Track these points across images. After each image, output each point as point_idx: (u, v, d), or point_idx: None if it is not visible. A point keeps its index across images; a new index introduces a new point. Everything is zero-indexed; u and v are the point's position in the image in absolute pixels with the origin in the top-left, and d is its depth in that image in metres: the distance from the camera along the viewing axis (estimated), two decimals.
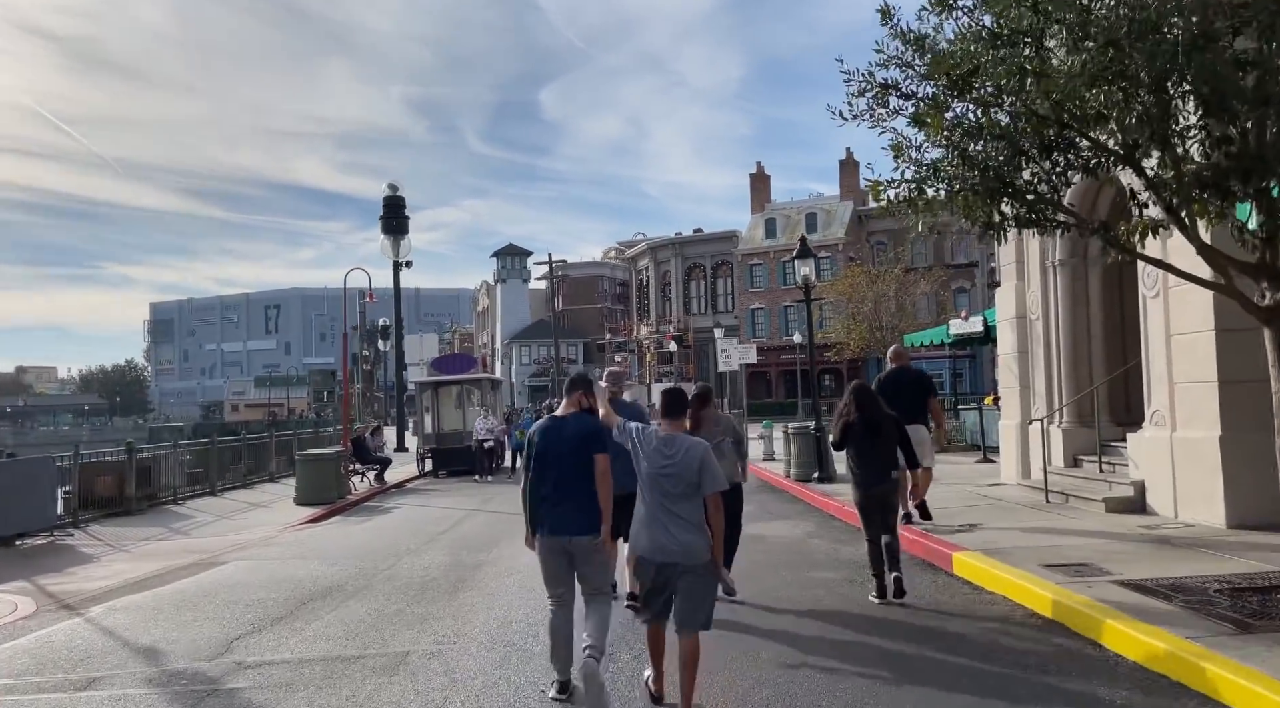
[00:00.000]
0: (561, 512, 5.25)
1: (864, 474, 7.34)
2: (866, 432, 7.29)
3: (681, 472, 4.83)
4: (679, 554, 4.76)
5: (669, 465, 4.86)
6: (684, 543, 4.77)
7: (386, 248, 35.69)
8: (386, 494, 19.70)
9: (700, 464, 4.82)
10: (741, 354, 23.98)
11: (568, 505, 5.25)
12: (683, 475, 4.82)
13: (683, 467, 4.83)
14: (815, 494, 14.12)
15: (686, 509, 4.82)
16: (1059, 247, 12.12)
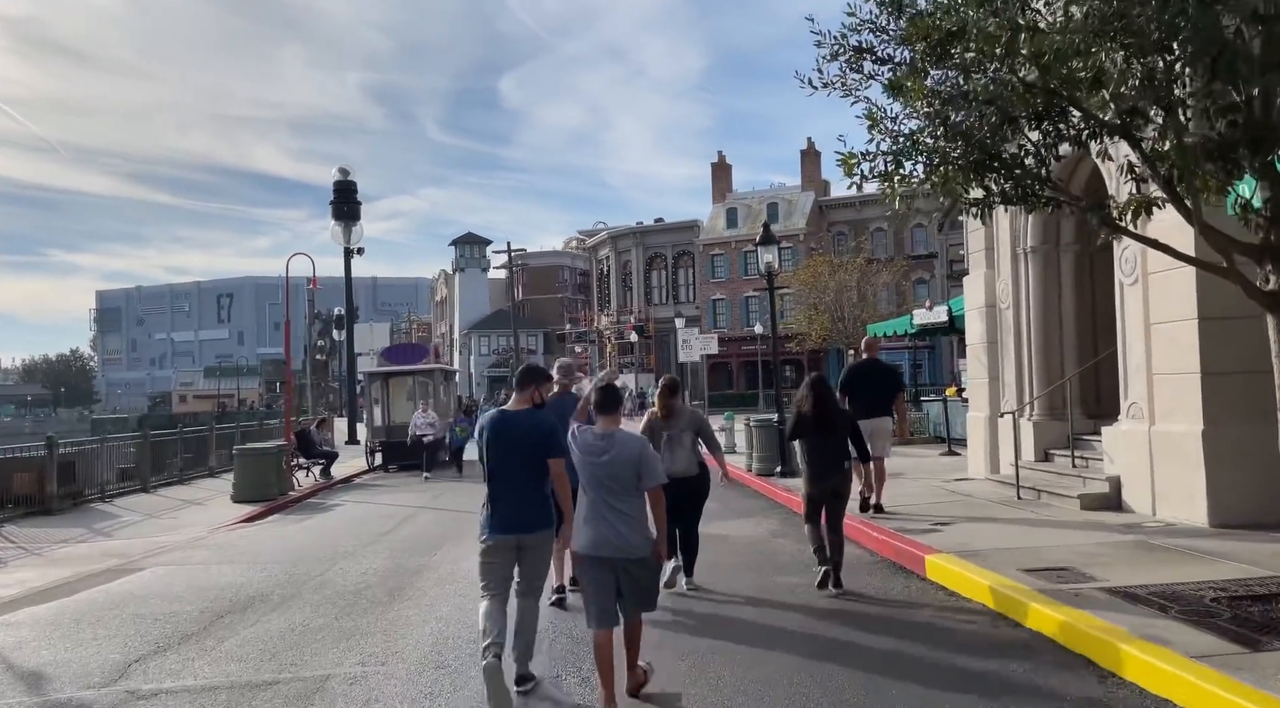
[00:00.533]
0: (511, 510, 5.16)
1: (816, 467, 7.37)
2: (820, 425, 7.32)
3: (619, 468, 4.81)
4: (621, 549, 4.76)
5: (606, 461, 4.83)
6: (625, 537, 4.77)
7: (337, 234, 34.53)
8: (332, 490, 18.83)
9: (639, 459, 4.83)
10: (702, 345, 23.44)
11: (517, 503, 5.15)
12: (620, 472, 4.81)
13: (620, 463, 4.81)
14: (778, 489, 13.59)
15: (628, 504, 4.82)
16: (1030, 233, 11.69)
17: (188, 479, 19.96)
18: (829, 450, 7.33)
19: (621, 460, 4.82)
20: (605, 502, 4.81)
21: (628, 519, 4.79)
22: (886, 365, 10.85)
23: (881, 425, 10.40)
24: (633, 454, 4.84)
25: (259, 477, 16.42)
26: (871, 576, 8.00)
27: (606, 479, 4.83)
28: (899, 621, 6.45)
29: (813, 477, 7.41)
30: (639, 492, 4.85)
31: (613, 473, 4.82)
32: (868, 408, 10.24)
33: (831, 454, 7.32)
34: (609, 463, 4.83)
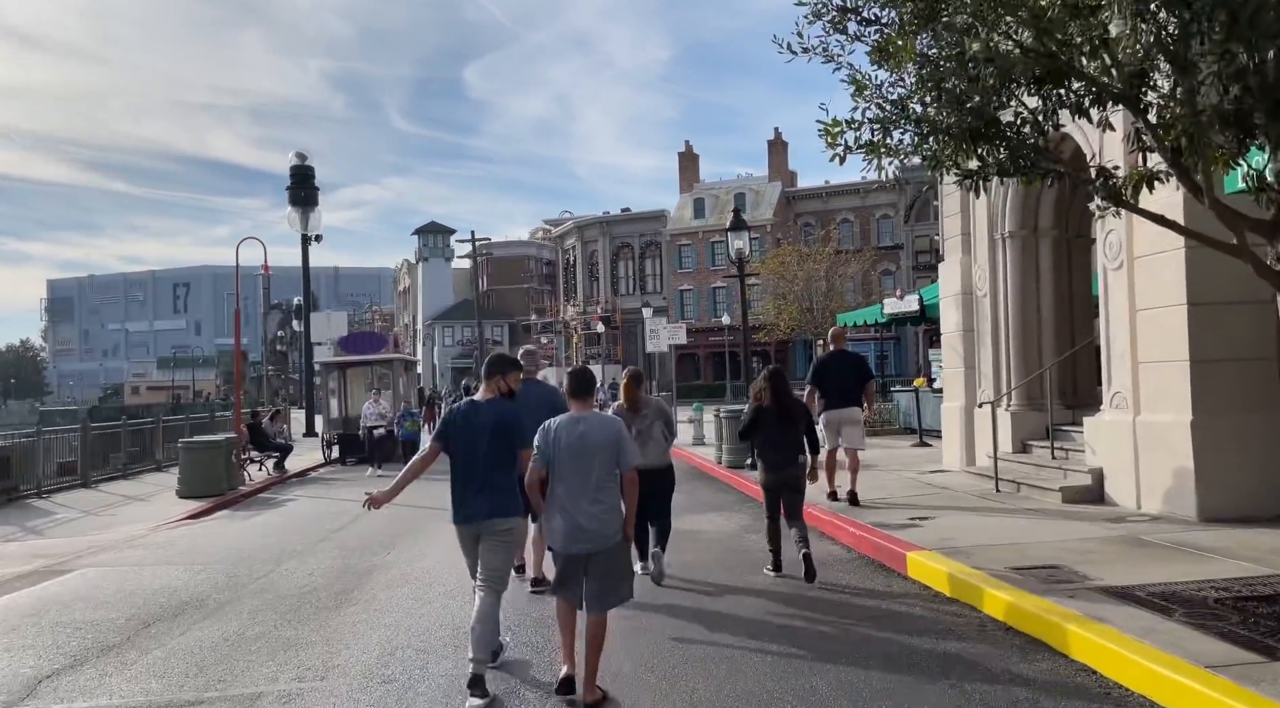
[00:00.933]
0: (477, 499, 5.16)
1: (774, 458, 7.42)
2: (778, 417, 7.39)
3: (597, 449, 4.77)
4: (594, 539, 4.72)
5: (581, 445, 4.78)
6: (599, 526, 4.72)
7: (294, 220, 33.49)
8: (285, 484, 18.10)
9: (617, 439, 4.83)
10: (670, 335, 22.96)
11: (482, 492, 5.15)
12: (599, 453, 4.77)
13: (597, 444, 4.78)
14: (750, 482, 13.15)
15: (601, 491, 4.77)
16: (1008, 218, 11.34)
17: (133, 474, 19.12)
18: (786, 443, 7.39)
19: (600, 441, 4.78)
20: (581, 489, 4.74)
21: (602, 506, 4.75)
22: (855, 355, 10.84)
23: (852, 416, 10.39)
24: (611, 435, 4.83)
25: (206, 471, 15.68)
26: (850, 574, 7.59)
27: (583, 463, 4.75)
28: (881, 623, 6.02)
29: (769, 467, 7.46)
30: (615, 476, 4.81)
31: (590, 455, 4.76)
32: (838, 398, 10.31)
33: (788, 446, 7.39)
34: (587, 444, 4.77)
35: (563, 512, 4.77)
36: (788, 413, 7.42)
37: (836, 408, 10.37)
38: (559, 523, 4.79)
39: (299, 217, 33.77)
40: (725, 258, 61.86)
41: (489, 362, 5.58)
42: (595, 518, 4.72)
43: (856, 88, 5.81)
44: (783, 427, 7.40)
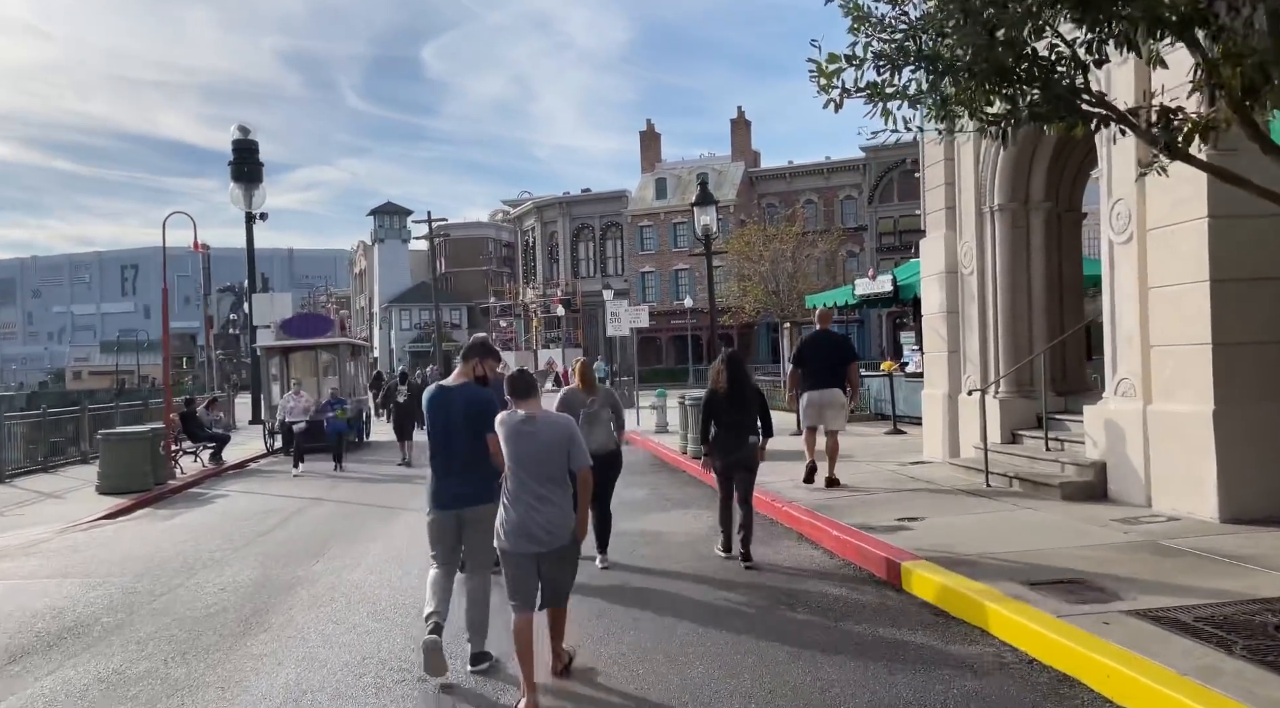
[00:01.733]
0: (452, 485, 5.16)
1: (730, 442, 7.47)
2: (733, 400, 7.45)
3: (548, 450, 4.71)
4: (545, 541, 4.66)
5: (535, 444, 4.72)
6: (551, 529, 4.67)
7: (237, 197, 31.93)
8: (221, 477, 16.87)
9: (569, 439, 4.77)
10: (632, 318, 21.96)
11: (458, 478, 5.14)
12: (550, 454, 4.71)
13: (550, 444, 4.72)
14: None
15: (554, 491, 4.71)
16: (998, 189, 10.50)
17: (55, 467, 17.75)
18: (740, 425, 7.44)
19: (552, 442, 4.73)
20: (532, 489, 4.67)
21: (554, 507, 4.69)
22: (840, 337, 10.66)
23: (834, 397, 10.26)
24: (563, 435, 4.77)
25: (129, 465, 14.41)
26: (836, 586, 6.69)
27: (535, 463, 4.69)
28: (878, 655, 5.13)
29: (724, 451, 7.50)
30: (565, 477, 4.76)
31: (542, 456, 4.70)
32: (822, 379, 10.24)
33: (742, 428, 7.44)
34: (538, 445, 4.71)
35: (513, 511, 4.69)
36: (743, 397, 7.47)
37: (818, 388, 10.22)
38: (510, 520, 4.70)
39: (242, 193, 32.17)
40: (688, 239, 60.97)
41: (471, 345, 5.50)
42: (546, 518, 4.66)
43: (856, 19, 4.84)
44: (737, 410, 7.44)
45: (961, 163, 11.00)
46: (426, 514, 5.32)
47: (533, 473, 4.68)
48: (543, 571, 4.72)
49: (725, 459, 7.49)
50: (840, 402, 10.24)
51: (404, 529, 10.00)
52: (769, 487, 10.56)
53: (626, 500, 10.94)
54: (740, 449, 7.43)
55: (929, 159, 11.70)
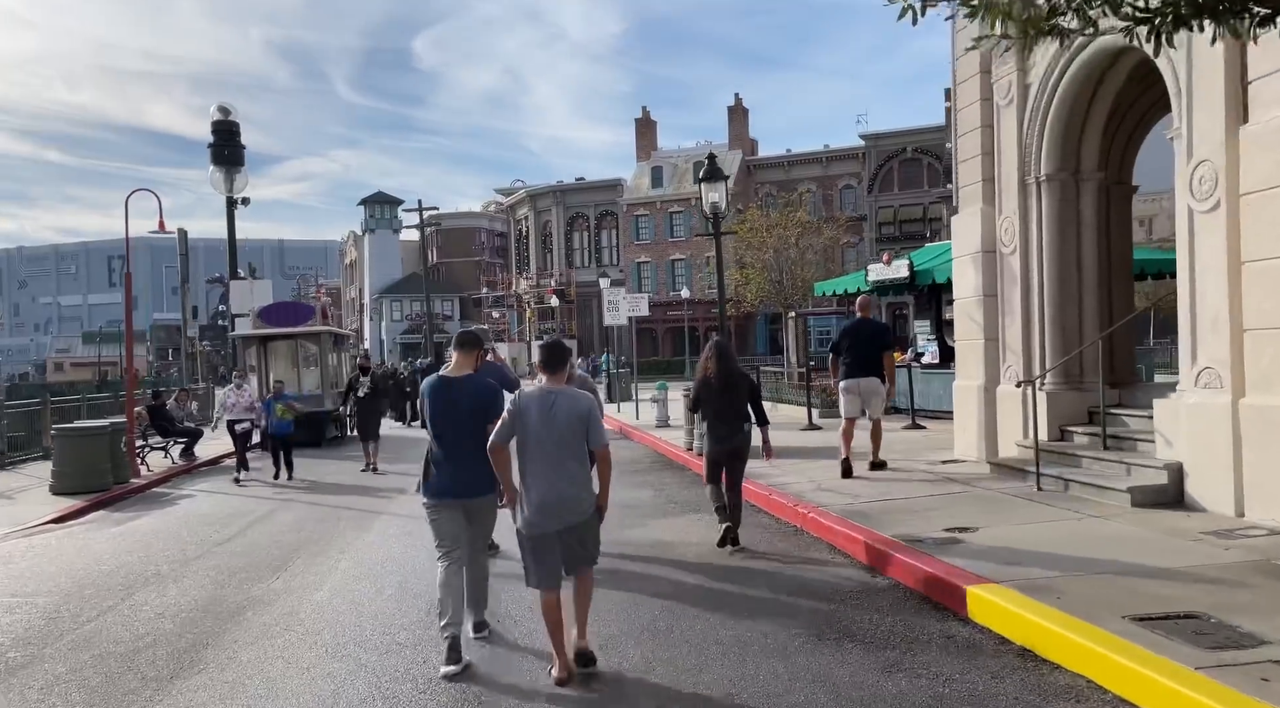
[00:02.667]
0: (458, 474, 5.19)
1: (721, 430, 7.47)
2: (723, 387, 7.44)
3: (568, 424, 4.66)
4: (566, 516, 4.64)
5: (552, 419, 4.64)
6: (571, 503, 4.66)
7: (218, 181, 30.38)
8: (191, 475, 15.74)
9: (588, 414, 4.75)
10: (632, 306, 20.86)
11: (464, 467, 5.17)
12: (571, 428, 4.66)
13: (571, 418, 4.67)
14: None
15: (575, 467, 4.71)
16: (1045, 157, 9.40)
17: (13, 463, 16.56)
18: (730, 412, 7.45)
19: (572, 415, 4.69)
20: (552, 467, 4.63)
21: (576, 481, 4.70)
22: (877, 324, 10.70)
23: (872, 385, 10.22)
24: (583, 409, 4.75)
25: (87, 463, 13.25)
26: (887, 613, 5.60)
27: (555, 438, 4.64)
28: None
29: (715, 438, 7.50)
30: (585, 453, 4.76)
31: (563, 430, 4.65)
32: (859, 367, 10.19)
33: (733, 416, 7.45)
34: (559, 419, 4.65)
35: (534, 489, 4.63)
36: (733, 384, 7.46)
37: (856, 377, 10.22)
38: (530, 498, 4.65)
39: (222, 177, 30.64)
40: (685, 229, 59.77)
41: (467, 336, 5.50)
42: (567, 495, 4.65)
43: None
44: (727, 398, 7.45)
45: (1002, 129, 9.91)
46: (426, 506, 5.27)
47: (552, 448, 4.62)
48: (566, 541, 4.68)
49: (718, 447, 7.48)
50: (880, 389, 10.21)
51: (379, 539, 8.89)
52: (789, 488, 9.49)
53: (631, 503, 9.86)
54: (733, 437, 7.45)
55: (963, 126, 10.61)
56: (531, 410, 4.67)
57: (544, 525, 4.62)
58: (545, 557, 4.69)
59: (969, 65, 10.34)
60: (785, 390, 20.70)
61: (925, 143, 53.34)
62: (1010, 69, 9.58)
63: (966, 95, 10.49)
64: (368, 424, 14.83)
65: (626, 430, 18.65)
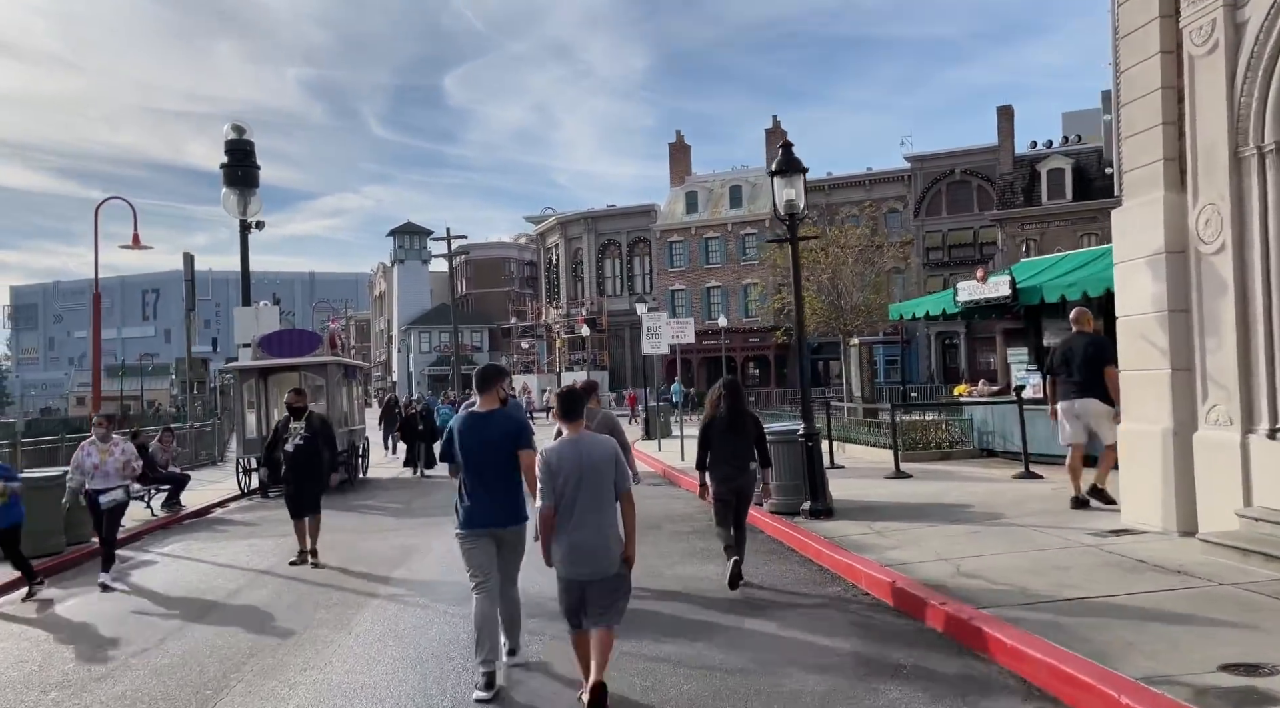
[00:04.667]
0: (490, 505, 5.39)
1: (726, 470, 7.51)
2: (729, 428, 7.47)
3: (596, 470, 4.78)
4: (595, 565, 4.74)
5: (579, 468, 4.76)
6: (600, 552, 4.74)
7: (230, 204, 28.58)
8: (168, 530, 13.51)
9: (614, 458, 4.85)
10: (676, 332, 18.43)
11: (496, 498, 5.39)
12: (594, 475, 4.77)
13: (594, 465, 4.78)
14: (817, 542, 8.59)
15: (605, 515, 4.79)
16: (1271, 119, 6.87)
17: None
18: (738, 452, 7.48)
19: (597, 461, 4.78)
20: (582, 515, 4.73)
21: (605, 533, 4.77)
22: (1098, 338, 9.45)
23: (1095, 407, 9.19)
24: (607, 453, 4.84)
25: (33, 520, 10.97)
26: None
27: (582, 487, 4.74)
28: None
29: (722, 477, 7.51)
30: (613, 499, 4.82)
31: (588, 477, 4.75)
32: (1081, 387, 9.28)
33: (740, 456, 7.49)
34: (585, 467, 4.76)
35: (567, 535, 4.75)
36: (740, 425, 7.51)
37: (1076, 398, 9.26)
38: (562, 546, 4.76)
39: (235, 200, 28.66)
40: (721, 255, 57.38)
41: (488, 371, 5.66)
42: (596, 543, 4.73)
43: None
44: (733, 438, 7.49)
45: (1199, 88, 7.39)
46: (459, 536, 5.43)
47: (581, 496, 4.73)
48: (589, 595, 4.75)
49: (724, 486, 7.49)
50: (1104, 411, 9.11)
51: (360, 644, 6.45)
52: (918, 572, 6.90)
53: (689, 593, 7.32)
54: (738, 477, 7.49)
55: (1133, 90, 8.09)
56: (565, 465, 4.76)
57: (574, 573, 4.76)
58: (570, 599, 4.82)
59: (1142, 7, 7.87)
60: (853, 428, 18.12)
61: (975, 164, 50.75)
62: (1213, 4, 7.10)
63: (1138, 48, 7.99)
64: (302, 492, 9.82)
65: (672, 475, 16.13)
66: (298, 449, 9.77)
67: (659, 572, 8.28)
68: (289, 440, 9.84)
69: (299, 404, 10.11)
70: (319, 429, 10.00)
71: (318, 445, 9.89)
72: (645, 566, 8.31)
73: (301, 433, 9.82)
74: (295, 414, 10.00)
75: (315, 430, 9.91)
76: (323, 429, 10.10)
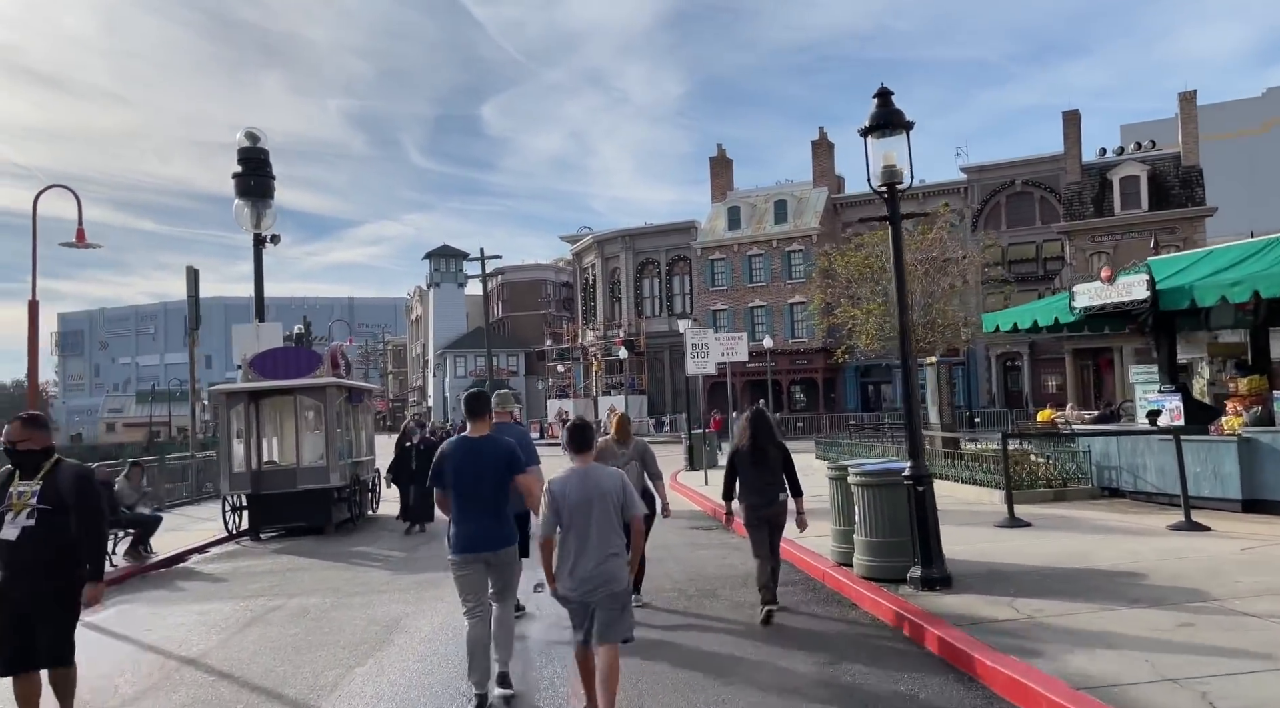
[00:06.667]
0: (478, 530, 5.48)
1: (755, 500, 7.47)
2: (755, 459, 7.49)
3: (600, 500, 4.94)
4: (603, 586, 4.87)
5: (587, 497, 4.94)
6: (608, 574, 4.88)
7: (244, 217, 26.73)
8: (122, 585, 11.25)
9: (621, 488, 5.04)
10: (726, 349, 15.89)
11: (487, 524, 5.49)
12: (603, 503, 4.94)
13: (602, 494, 4.95)
14: (945, 632, 5.96)
15: (613, 541, 4.94)
16: None
17: None
18: (764, 482, 7.47)
19: (605, 491, 4.96)
20: (590, 541, 4.89)
21: (612, 557, 4.91)
22: None
23: None
24: (615, 484, 5.01)
25: None
26: None
27: (591, 515, 4.91)
28: None
29: (752, 507, 7.48)
30: (620, 525, 4.99)
31: (596, 505, 4.92)
32: None
33: (767, 487, 7.46)
34: (593, 496, 4.93)
35: (573, 562, 4.89)
36: (764, 455, 7.48)
37: None
38: (572, 574, 4.89)
39: (249, 212, 26.70)
40: (765, 272, 54.54)
41: (476, 398, 5.75)
42: (603, 567, 4.86)
43: None
44: (760, 469, 7.47)
45: None
46: (451, 561, 5.55)
47: (589, 524, 4.88)
48: (597, 614, 4.89)
49: (755, 516, 7.43)
50: None
51: None
52: (1125, 697, 4.27)
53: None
54: (768, 507, 7.42)
55: None
56: (570, 494, 4.94)
57: (581, 596, 4.89)
58: (580, 620, 4.99)
59: None
60: (933, 460, 15.39)
61: (1037, 175, 47.68)
62: None
63: None
64: (24, 624, 5.11)
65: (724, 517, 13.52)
66: (23, 536, 5.02)
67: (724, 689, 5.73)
68: (6, 517, 5.07)
69: (25, 446, 5.20)
70: (68, 492, 5.15)
71: (61, 526, 5.10)
72: (705, 667, 5.82)
73: (31, 505, 5.07)
74: (21, 466, 5.19)
75: (60, 496, 5.13)
76: (79, 493, 5.20)
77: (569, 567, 4.89)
